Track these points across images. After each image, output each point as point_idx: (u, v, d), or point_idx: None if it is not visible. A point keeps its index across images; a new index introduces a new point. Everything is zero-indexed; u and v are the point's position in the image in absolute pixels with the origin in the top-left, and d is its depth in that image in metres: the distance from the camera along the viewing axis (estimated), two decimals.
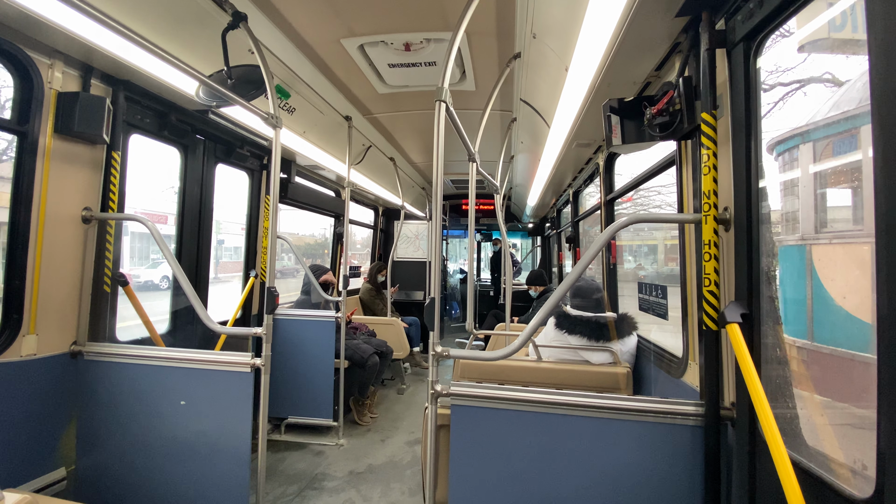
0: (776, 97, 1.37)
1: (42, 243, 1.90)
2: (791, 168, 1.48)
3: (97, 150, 2.12)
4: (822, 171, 1.42)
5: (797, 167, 1.47)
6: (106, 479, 2.06)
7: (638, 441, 1.50)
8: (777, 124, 1.37)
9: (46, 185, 1.91)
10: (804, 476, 1.10)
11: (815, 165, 1.43)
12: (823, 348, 1.37)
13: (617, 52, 1.65)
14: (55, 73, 1.91)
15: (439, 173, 1.63)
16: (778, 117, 1.37)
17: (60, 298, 2.00)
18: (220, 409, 2.00)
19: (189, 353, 2.05)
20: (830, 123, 1.35)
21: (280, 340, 3.36)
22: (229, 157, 3.11)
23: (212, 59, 2.18)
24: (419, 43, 2.46)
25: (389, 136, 4.26)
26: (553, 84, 2.36)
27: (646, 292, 2.33)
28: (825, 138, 1.38)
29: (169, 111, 2.50)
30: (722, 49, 1.42)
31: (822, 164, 1.40)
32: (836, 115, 1.31)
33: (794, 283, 1.40)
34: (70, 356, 2.05)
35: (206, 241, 3.01)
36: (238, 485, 1.98)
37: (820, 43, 1.24)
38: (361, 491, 2.80)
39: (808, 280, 1.41)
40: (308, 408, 3.43)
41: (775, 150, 1.45)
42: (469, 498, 1.60)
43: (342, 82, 2.99)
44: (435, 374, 1.62)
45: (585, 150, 3.09)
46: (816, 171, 1.43)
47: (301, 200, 4.10)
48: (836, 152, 1.35)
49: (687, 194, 1.77)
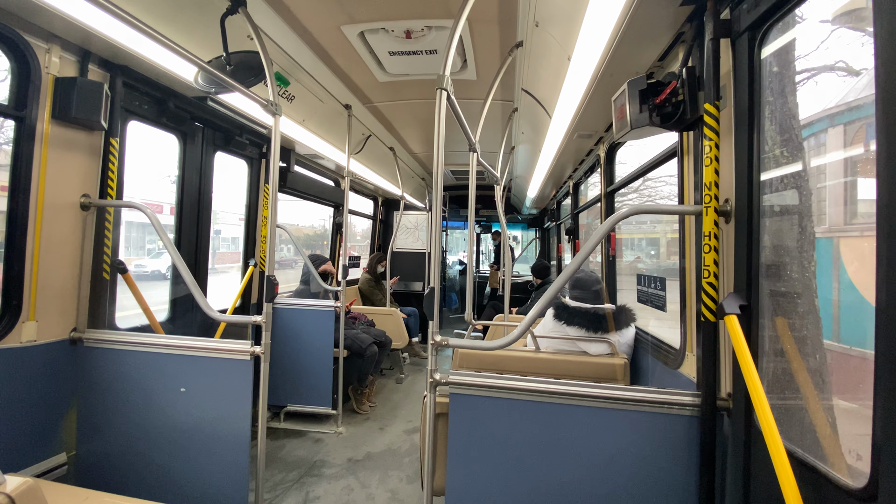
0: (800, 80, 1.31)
1: (41, 230, 1.90)
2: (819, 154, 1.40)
3: (95, 137, 2.10)
4: (852, 156, 1.32)
5: (825, 153, 1.40)
6: (107, 465, 2.08)
7: (635, 430, 1.52)
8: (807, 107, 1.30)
9: (45, 172, 1.89)
10: (799, 466, 1.11)
11: (844, 151, 1.35)
12: (849, 349, 1.33)
13: (620, 41, 1.63)
14: (52, 57, 1.89)
15: (440, 162, 1.62)
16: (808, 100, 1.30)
17: (60, 285, 2.00)
18: (220, 396, 2.02)
19: (189, 340, 2.06)
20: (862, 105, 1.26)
21: (279, 329, 3.37)
22: (228, 145, 3.09)
23: (210, 45, 2.16)
24: (420, 30, 2.44)
25: (389, 125, 4.24)
26: (555, 74, 2.34)
27: (645, 284, 2.33)
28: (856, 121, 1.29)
29: (167, 97, 2.48)
30: (726, 39, 1.41)
31: (852, 150, 1.31)
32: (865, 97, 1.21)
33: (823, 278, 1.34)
34: (70, 343, 2.05)
35: (205, 230, 3.00)
36: (238, 471, 1.99)
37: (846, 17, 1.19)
38: (360, 478, 2.83)
39: (835, 275, 1.36)
40: (307, 396, 3.46)
41: (802, 134, 1.38)
42: (466, 485, 1.61)
43: (342, 70, 2.96)
44: (434, 363, 1.63)
45: (586, 141, 3.08)
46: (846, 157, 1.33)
47: (300, 190, 4.09)
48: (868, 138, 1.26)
49: (688, 186, 1.76)
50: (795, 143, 1.31)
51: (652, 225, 4.41)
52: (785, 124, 1.32)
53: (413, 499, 2.62)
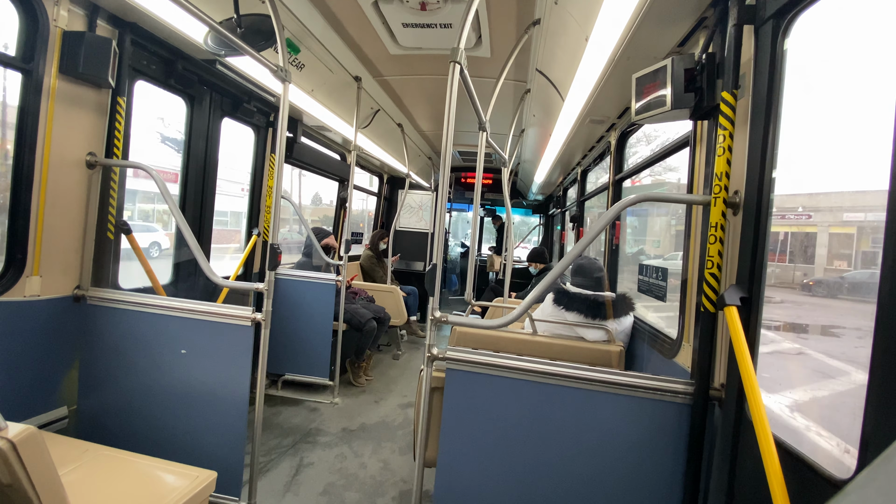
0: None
1: (46, 186, 1.89)
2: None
3: (102, 95, 2.08)
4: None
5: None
6: (106, 420, 2.13)
7: (626, 415, 1.54)
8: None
9: (51, 128, 1.88)
10: (786, 456, 1.13)
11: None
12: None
13: (641, 23, 1.59)
14: (61, 10, 1.85)
15: (449, 138, 1.60)
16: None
17: (64, 242, 2.01)
18: (220, 360, 2.05)
19: (191, 303, 2.08)
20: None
21: (280, 299, 3.39)
22: (236, 112, 3.06)
23: (222, 6, 2.11)
24: (436, 2, 2.37)
25: (399, 100, 4.18)
26: (571, 55, 2.29)
27: (646, 274, 2.33)
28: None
29: (176, 59, 2.44)
30: (749, 26, 1.37)
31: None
32: None
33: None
34: (73, 300, 2.08)
35: (210, 196, 3.00)
36: (235, 433, 2.04)
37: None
38: (353, 447, 2.89)
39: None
40: (305, 366, 3.51)
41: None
42: (457, 457, 1.65)
43: (353, 40, 2.91)
44: (432, 338, 1.64)
45: (598, 127, 3.03)
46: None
47: (306, 162, 4.06)
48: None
49: (698, 175, 1.74)
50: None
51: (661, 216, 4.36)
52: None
53: (404, 469, 2.69)
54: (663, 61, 1.57)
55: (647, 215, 4.28)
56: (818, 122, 1.48)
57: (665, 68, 1.56)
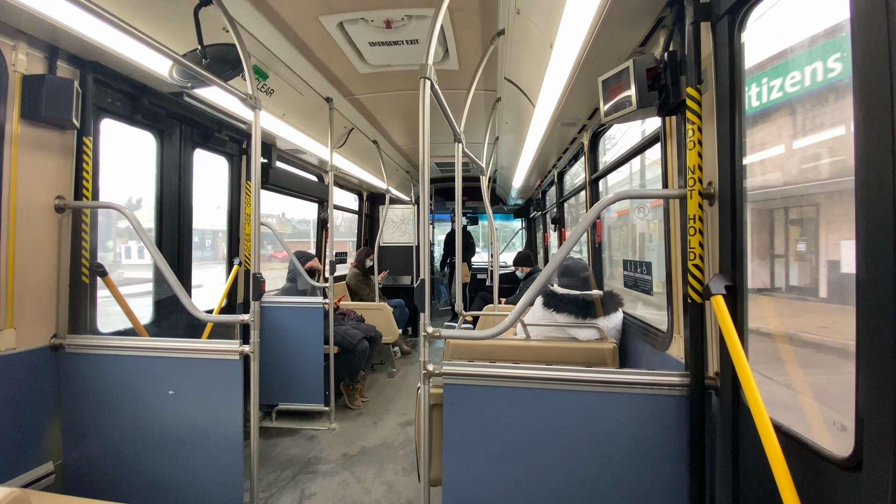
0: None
1: (14, 234, 1.83)
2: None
3: (67, 136, 2.03)
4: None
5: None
6: (95, 472, 2.03)
7: (626, 412, 1.54)
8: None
9: (15, 174, 1.82)
10: (786, 439, 1.15)
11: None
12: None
13: (602, 26, 1.63)
14: (19, 55, 1.81)
15: (426, 152, 1.61)
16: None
17: (37, 290, 1.94)
18: (210, 397, 1.99)
19: (175, 342, 2.02)
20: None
21: (268, 328, 3.32)
22: (207, 142, 3.02)
23: (185, 39, 2.09)
24: (400, 20, 2.40)
25: (372, 118, 4.19)
26: (538, 62, 2.33)
27: (631, 269, 2.37)
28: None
29: (141, 94, 2.40)
30: (706, 23, 1.42)
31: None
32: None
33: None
34: (51, 349, 1.99)
35: (186, 229, 2.94)
36: (232, 472, 1.97)
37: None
38: (355, 472, 2.83)
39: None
40: (299, 394, 3.43)
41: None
42: (463, 473, 1.63)
43: (322, 62, 2.91)
44: (426, 355, 1.63)
45: (570, 129, 3.09)
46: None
47: (283, 186, 4.02)
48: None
49: (672, 170, 1.78)
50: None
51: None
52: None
53: (409, 490, 2.64)
54: (626, 63, 1.61)
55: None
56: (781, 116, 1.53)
57: (627, 70, 1.60)
